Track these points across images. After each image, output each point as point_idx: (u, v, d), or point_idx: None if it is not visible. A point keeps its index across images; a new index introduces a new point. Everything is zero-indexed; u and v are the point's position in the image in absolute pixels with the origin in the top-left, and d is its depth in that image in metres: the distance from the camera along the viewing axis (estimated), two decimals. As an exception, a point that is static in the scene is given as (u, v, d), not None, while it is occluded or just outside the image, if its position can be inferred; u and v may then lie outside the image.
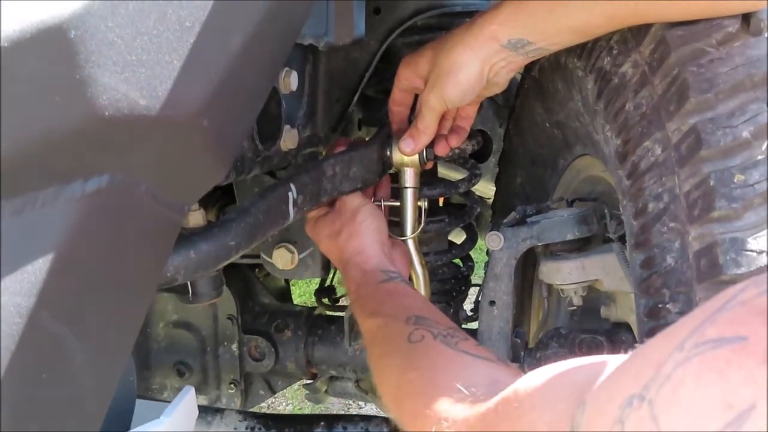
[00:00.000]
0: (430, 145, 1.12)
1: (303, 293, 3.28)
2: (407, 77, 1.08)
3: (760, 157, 0.78)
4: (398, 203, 1.17)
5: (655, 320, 0.86)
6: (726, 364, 0.35)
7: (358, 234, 1.09)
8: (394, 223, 1.22)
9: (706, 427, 0.34)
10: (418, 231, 1.17)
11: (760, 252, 0.77)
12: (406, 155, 1.11)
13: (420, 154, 1.12)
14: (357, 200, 1.11)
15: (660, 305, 0.84)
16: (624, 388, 0.41)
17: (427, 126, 1.07)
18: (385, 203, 1.19)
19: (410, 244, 1.18)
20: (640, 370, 0.41)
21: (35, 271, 0.50)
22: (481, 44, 0.95)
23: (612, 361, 0.47)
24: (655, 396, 0.38)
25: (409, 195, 1.16)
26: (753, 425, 0.32)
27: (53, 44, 0.44)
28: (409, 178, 1.15)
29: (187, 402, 0.97)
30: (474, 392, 0.72)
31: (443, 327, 0.91)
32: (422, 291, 1.20)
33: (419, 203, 1.17)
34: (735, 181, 0.78)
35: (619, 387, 0.42)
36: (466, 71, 0.98)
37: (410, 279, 1.20)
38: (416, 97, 1.12)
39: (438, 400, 0.76)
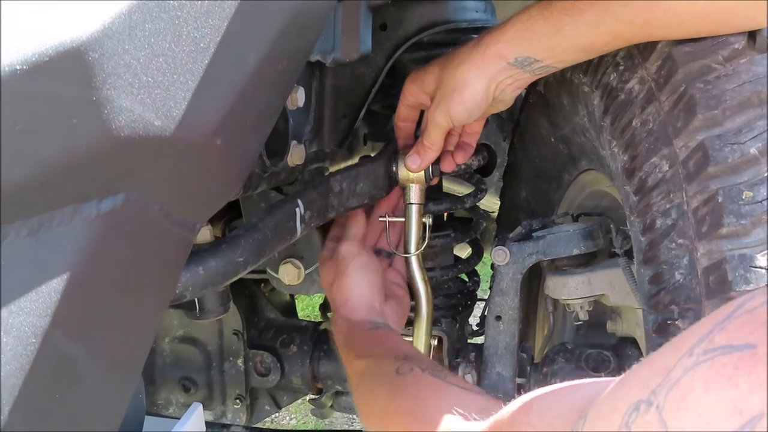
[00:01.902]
0: (436, 162, 1.12)
1: (306, 306, 3.28)
2: (413, 93, 1.08)
3: (767, 174, 0.78)
4: (403, 219, 1.17)
5: (664, 336, 0.86)
6: (735, 370, 0.35)
7: (346, 286, 1.10)
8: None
9: None
10: (422, 248, 1.17)
11: (769, 268, 0.77)
12: (413, 171, 1.11)
13: (426, 170, 1.12)
14: (351, 250, 1.12)
15: (669, 321, 0.84)
16: (630, 395, 0.41)
17: (433, 143, 1.07)
18: (390, 219, 1.19)
19: (413, 260, 1.18)
20: (648, 377, 0.41)
21: (50, 290, 0.50)
22: (487, 62, 0.96)
23: (609, 381, 0.47)
24: (663, 401, 0.38)
25: (413, 211, 1.16)
26: None
27: (71, 66, 0.44)
28: (414, 194, 1.15)
29: (194, 419, 0.97)
30: (464, 420, 0.72)
31: (431, 364, 0.92)
32: (424, 308, 1.20)
33: (424, 219, 1.17)
34: (743, 197, 0.78)
35: (624, 394, 0.42)
36: (472, 89, 0.98)
37: (412, 296, 1.21)
38: (422, 112, 1.12)
39: (427, 423, 0.76)
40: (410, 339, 1.23)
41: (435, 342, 1.24)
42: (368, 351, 1.00)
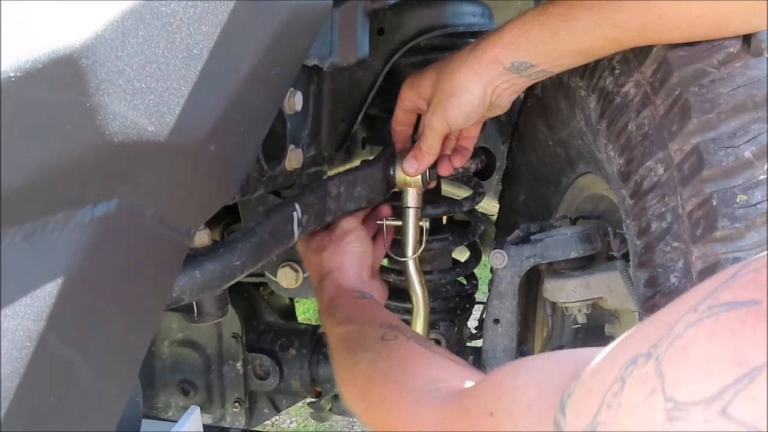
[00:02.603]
0: (434, 166, 1.13)
1: (306, 310, 3.28)
2: (410, 98, 1.09)
3: (762, 177, 0.78)
4: (400, 223, 1.18)
5: (659, 339, 0.86)
6: (740, 324, 0.35)
7: (342, 253, 1.13)
8: (397, 242, 1.22)
9: (714, 382, 0.34)
10: (419, 252, 1.18)
11: (764, 271, 0.77)
12: (410, 175, 1.12)
13: (423, 174, 1.12)
14: (351, 224, 1.15)
15: (664, 324, 0.84)
16: (629, 350, 0.41)
17: (430, 147, 1.08)
18: (388, 222, 1.20)
19: (410, 264, 1.18)
20: (649, 333, 0.41)
21: (45, 295, 0.50)
22: (483, 67, 0.96)
23: (604, 348, 0.47)
24: (663, 353, 0.38)
25: (411, 215, 1.16)
26: (762, 383, 0.33)
27: (64, 73, 0.44)
28: (412, 198, 1.15)
29: (192, 422, 0.97)
30: (448, 384, 0.71)
31: (416, 334, 0.93)
32: (421, 311, 1.21)
33: (421, 223, 1.18)
34: (737, 201, 0.78)
35: (623, 350, 0.42)
36: (468, 94, 0.98)
37: (409, 299, 1.21)
38: (419, 116, 1.13)
39: (410, 386, 0.76)
40: None
41: None
42: (353, 317, 1.02)
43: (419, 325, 1.21)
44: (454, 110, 1.00)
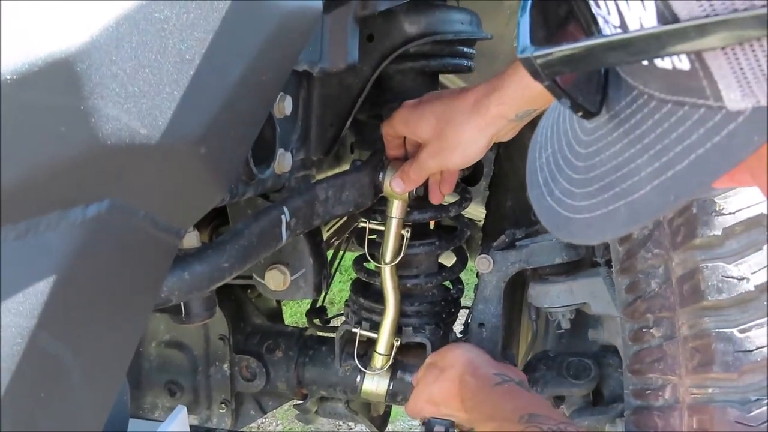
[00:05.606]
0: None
1: (294, 314, 3.29)
2: (402, 132, 1.11)
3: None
4: (383, 228, 1.20)
5: (639, 344, 0.88)
6: None
7: (463, 351, 1.17)
8: (376, 246, 1.24)
9: None
10: (397, 260, 1.20)
11: (741, 278, 0.79)
12: (396, 194, 1.14)
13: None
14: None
15: (644, 329, 0.86)
16: None
17: (420, 176, 1.10)
18: (371, 225, 1.22)
19: (387, 270, 1.21)
20: None
21: (36, 292, 0.51)
22: (489, 123, 0.99)
23: None
24: None
25: (393, 225, 1.19)
26: None
27: (60, 76, 0.45)
28: (396, 209, 1.18)
29: (179, 421, 0.98)
30: None
31: (555, 422, 0.94)
32: (391, 314, 1.25)
33: (402, 232, 1.20)
34: (717, 209, 0.80)
35: None
36: (475, 146, 1.02)
37: (383, 302, 1.24)
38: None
39: None
40: (375, 336, 1.28)
41: (397, 343, 1.28)
42: (495, 412, 1.03)
43: (387, 326, 1.26)
44: (458, 159, 1.04)
